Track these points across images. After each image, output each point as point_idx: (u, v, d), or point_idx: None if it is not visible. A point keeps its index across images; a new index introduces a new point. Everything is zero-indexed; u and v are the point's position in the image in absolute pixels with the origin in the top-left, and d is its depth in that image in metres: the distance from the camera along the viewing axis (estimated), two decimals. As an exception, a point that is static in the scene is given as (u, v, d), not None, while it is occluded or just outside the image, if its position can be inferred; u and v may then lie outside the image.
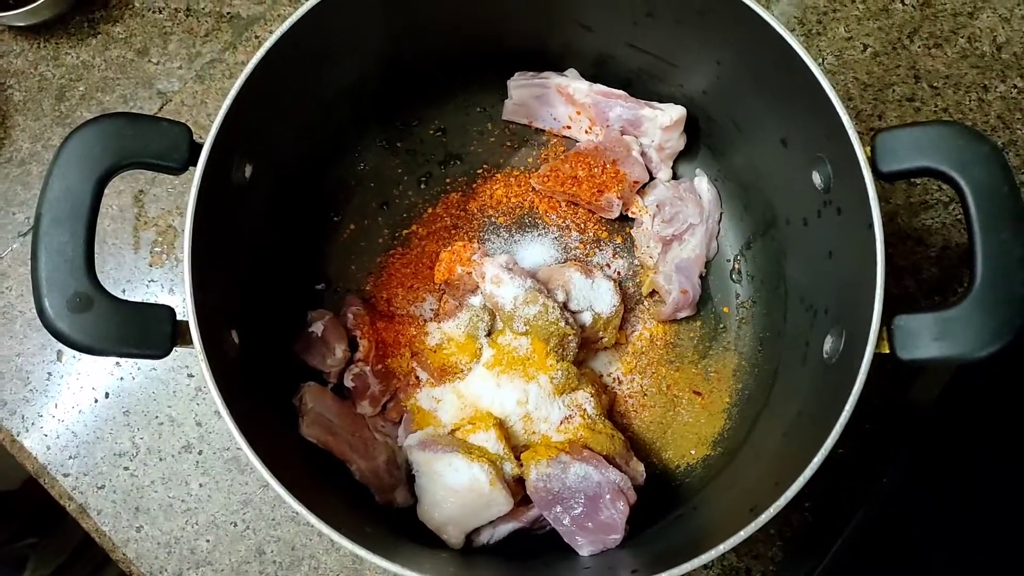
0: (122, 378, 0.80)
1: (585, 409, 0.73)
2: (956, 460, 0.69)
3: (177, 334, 0.56)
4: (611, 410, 0.78)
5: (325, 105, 0.75)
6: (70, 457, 0.78)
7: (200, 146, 0.59)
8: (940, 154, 0.56)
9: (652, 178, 0.82)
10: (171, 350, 0.56)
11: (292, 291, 0.78)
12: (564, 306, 0.74)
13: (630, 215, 0.82)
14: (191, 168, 0.59)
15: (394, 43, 0.74)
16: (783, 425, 0.66)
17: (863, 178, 0.57)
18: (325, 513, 0.56)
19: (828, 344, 0.63)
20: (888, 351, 0.56)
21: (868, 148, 0.58)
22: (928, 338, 0.55)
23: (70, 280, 0.54)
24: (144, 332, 0.55)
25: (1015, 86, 0.88)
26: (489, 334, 0.75)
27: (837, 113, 0.59)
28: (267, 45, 0.61)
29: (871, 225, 0.57)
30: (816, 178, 0.65)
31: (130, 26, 0.89)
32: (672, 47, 0.74)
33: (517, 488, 0.69)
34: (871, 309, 0.56)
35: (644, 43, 0.75)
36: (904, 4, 0.90)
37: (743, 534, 0.54)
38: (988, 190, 0.55)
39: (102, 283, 0.55)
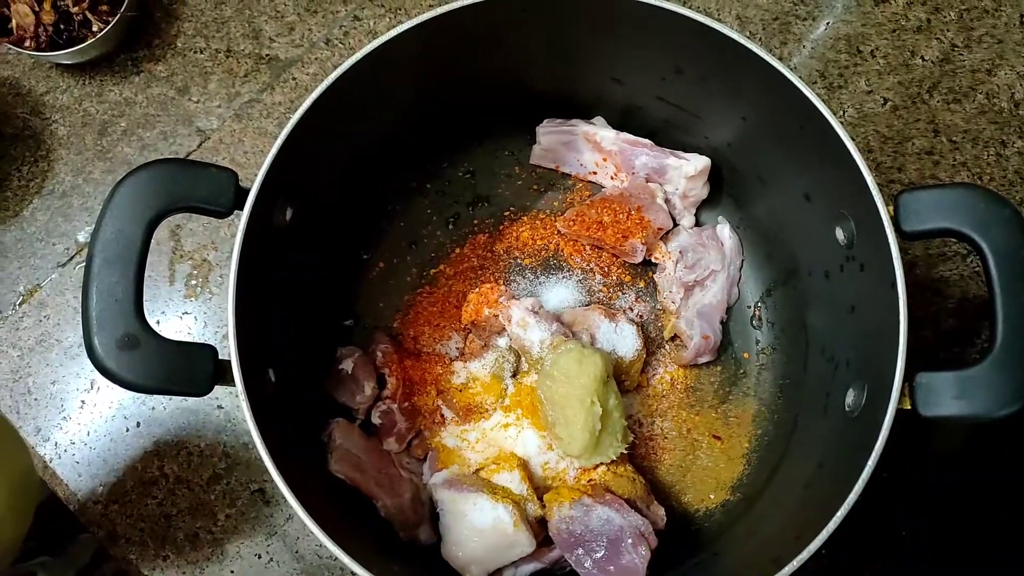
0: (153, 408, 0.82)
1: (607, 452, 0.74)
2: (977, 515, 0.70)
3: (218, 374, 0.58)
4: (632, 453, 0.79)
5: (360, 149, 0.77)
6: (100, 485, 0.80)
7: (245, 191, 0.61)
8: (962, 216, 0.58)
9: (675, 224, 0.84)
10: (212, 389, 0.58)
11: (322, 327, 0.80)
12: (588, 349, 0.76)
13: (653, 260, 0.84)
14: (236, 212, 0.61)
15: (428, 91, 0.76)
16: (804, 476, 0.67)
17: (886, 238, 0.59)
18: (354, 550, 0.57)
19: (850, 397, 0.65)
20: (909, 407, 0.57)
21: (891, 208, 0.60)
22: (949, 396, 0.56)
23: (119, 320, 0.56)
24: (188, 372, 0.57)
25: (1033, 142, 0.89)
26: (515, 375, 0.77)
27: (861, 174, 0.60)
28: (312, 97, 0.63)
29: (894, 284, 0.58)
30: (839, 234, 0.67)
31: (172, 65, 0.92)
32: (699, 101, 0.76)
33: (539, 529, 0.71)
34: (893, 365, 0.57)
35: (672, 96, 0.77)
36: (924, 59, 0.92)
37: (765, 585, 0.55)
38: (1009, 252, 0.57)
39: (142, 316, 0.57)
